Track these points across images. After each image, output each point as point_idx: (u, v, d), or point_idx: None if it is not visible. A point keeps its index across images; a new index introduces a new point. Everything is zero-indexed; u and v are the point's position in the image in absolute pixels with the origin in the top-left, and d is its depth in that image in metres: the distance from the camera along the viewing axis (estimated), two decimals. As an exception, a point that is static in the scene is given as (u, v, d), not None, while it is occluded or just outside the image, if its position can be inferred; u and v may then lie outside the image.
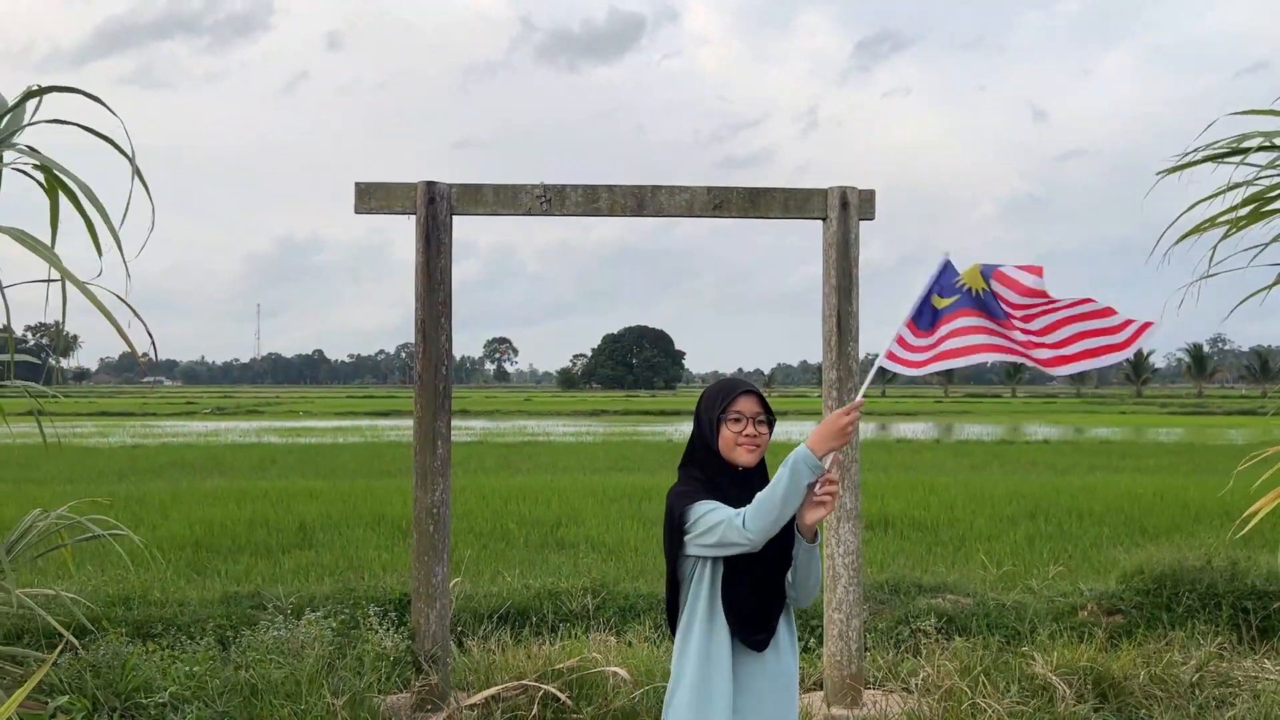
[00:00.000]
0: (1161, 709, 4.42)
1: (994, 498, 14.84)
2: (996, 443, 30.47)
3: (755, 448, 2.69)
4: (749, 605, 2.65)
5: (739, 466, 2.69)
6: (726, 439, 2.69)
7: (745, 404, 2.71)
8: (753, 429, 2.69)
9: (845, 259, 4.67)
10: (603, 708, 4.02)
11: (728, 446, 2.68)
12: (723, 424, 2.70)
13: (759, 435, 2.69)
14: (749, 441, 2.68)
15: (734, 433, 2.68)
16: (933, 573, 9.03)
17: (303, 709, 3.68)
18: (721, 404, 2.70)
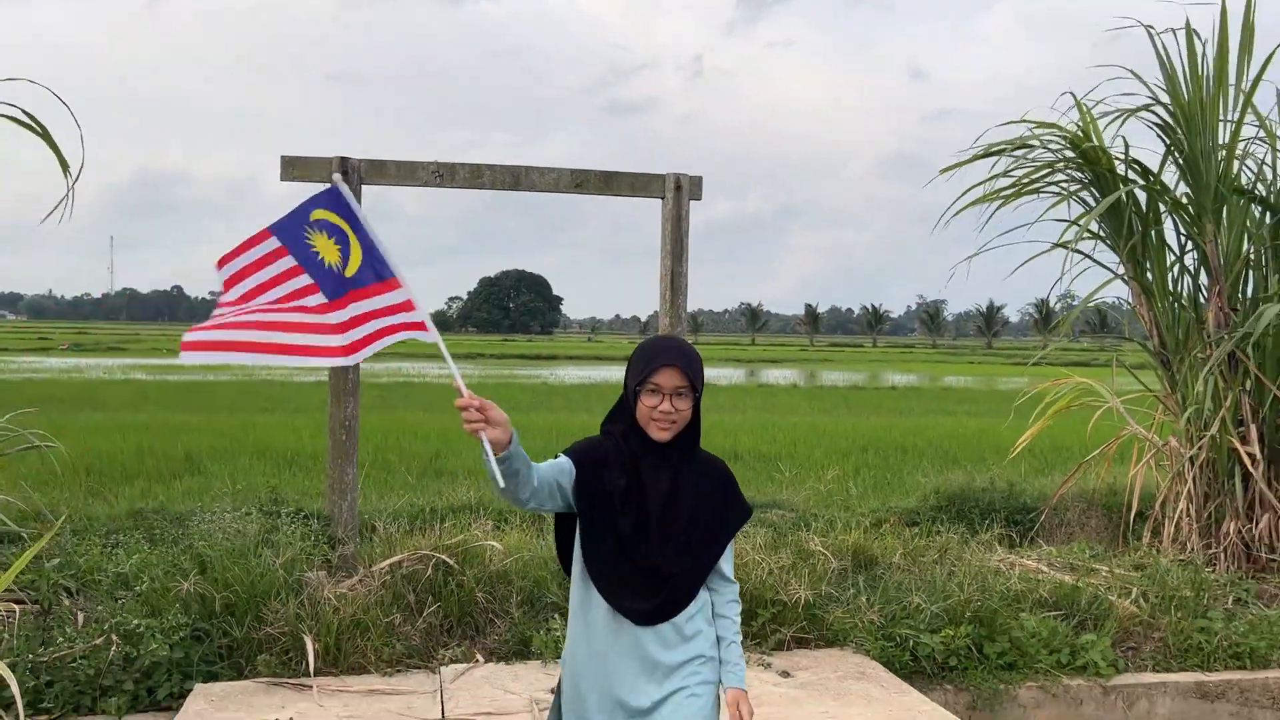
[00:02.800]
0: (900, 572, 5.91)
1: (834, 435, 16.45)
2: (849, 388, 32.64)
3: (670, 424, 2.49)
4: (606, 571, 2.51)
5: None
6: (642, 411, 2.49)
7: (665, 377, 2.47)
8: (669, 405, 2.47)
9: (678, 231, 5.93)
10: (482, 571, 5.24)
11: (643, 419, 2.50)
12: (640, 394, 2.49)
13: (676, 412, 2.48)
14: (663, 419, 2.47)
15: (648, 407, 2.47)
16: (768, 494, 10.50)
17: (250, 566, 4.77)
18: (641, 373, 2.48)
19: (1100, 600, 5.86)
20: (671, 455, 2.54)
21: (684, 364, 2.48)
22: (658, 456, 2.53)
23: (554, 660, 4.86)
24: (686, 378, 2.48)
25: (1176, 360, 7.22)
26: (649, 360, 2.48)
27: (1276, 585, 6.38)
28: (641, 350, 2.55)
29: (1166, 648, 5.61)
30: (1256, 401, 6.74)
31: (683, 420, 2.50)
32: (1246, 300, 7.07)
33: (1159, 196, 7.06)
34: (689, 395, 2.49)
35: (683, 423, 2.51)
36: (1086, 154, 7.10)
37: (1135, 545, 7.25)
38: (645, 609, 2.49)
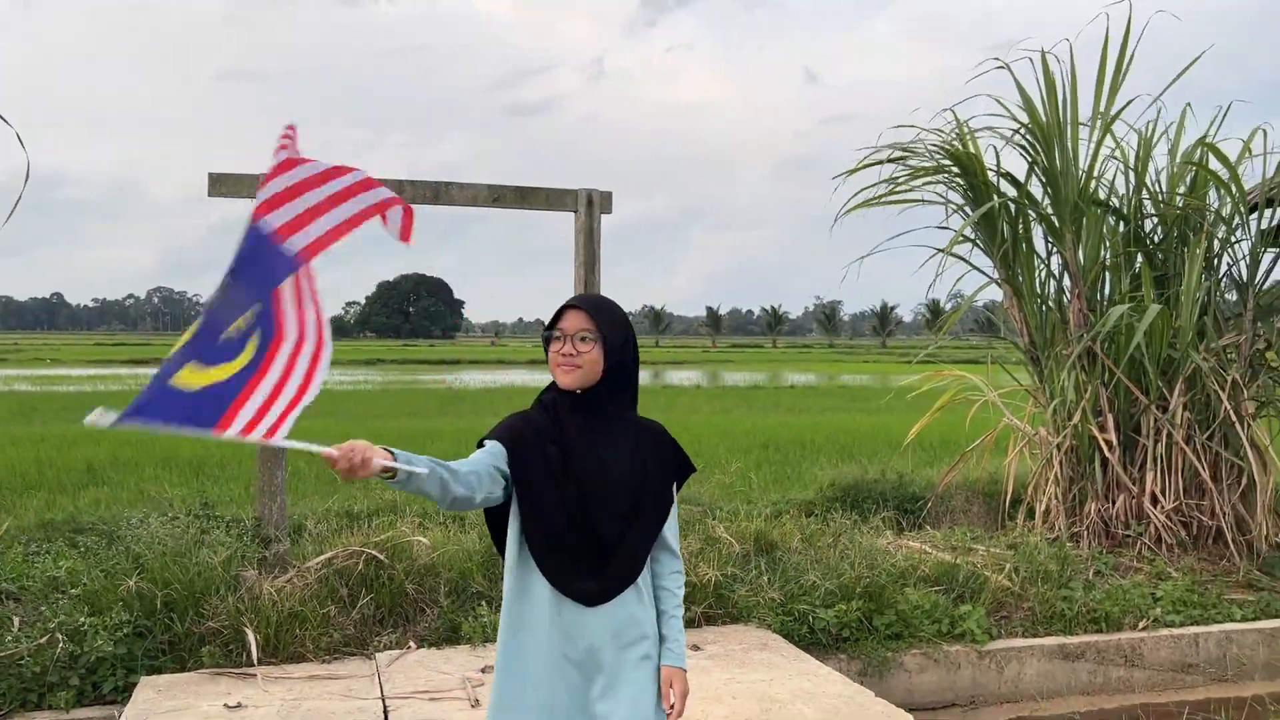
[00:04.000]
0: (798, 555, 6.44)
1: (735, 433, 17.04)
2: (749, 388, 33.51)
3: (572, 368, 2.42)
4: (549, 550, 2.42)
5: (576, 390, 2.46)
6: (550, 361, 2.46)
7: (568, 320, 2.44)
8: (571, 347, 2.41)
9: (590, 243, 6.34)
10: (410, 565, 5.56)
11: (551, 365, 2.46)
12: (549, 344, 2.46)
13: (578, 354, 2.41)
14: (565, 361, 2.42)
15: (554, 352, 2.44)
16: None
17: (188, 565, 5.00)
18: (548, 324, 2.48)
19: (977, 575, 6.47)
20: (595, 410, 2.47)
21: (588, 307, 2.46)
22: (580, 413, 2.47)
23: (483, 644, 5.22)
24: (591, 320, 2.43)
25: (1044, 357, 7.93)
26: (555, 312, 2.49)
27: (1130, 558, 7.11)
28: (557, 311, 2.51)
29: (1034, 615, 6.24)
30: (1112, 393, 7.48)
31: (588, 365, 2.43)
32: (1102, 302, 7.82)
33: (1027, 207, 7.76)
34: (594, 340, 2.42)
35: (589, 368, 2.43)
36: (964, 166, 7.76)
37: (1011, 527, 7.93)
38: (594, 588, 2.41)
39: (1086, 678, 6.02)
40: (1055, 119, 7.60)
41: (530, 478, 2.42)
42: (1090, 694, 6.00)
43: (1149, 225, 7.98)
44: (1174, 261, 7.74)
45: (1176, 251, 7.73)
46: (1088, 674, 6.03)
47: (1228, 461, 7.31)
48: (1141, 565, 7.03)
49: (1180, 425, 7.21)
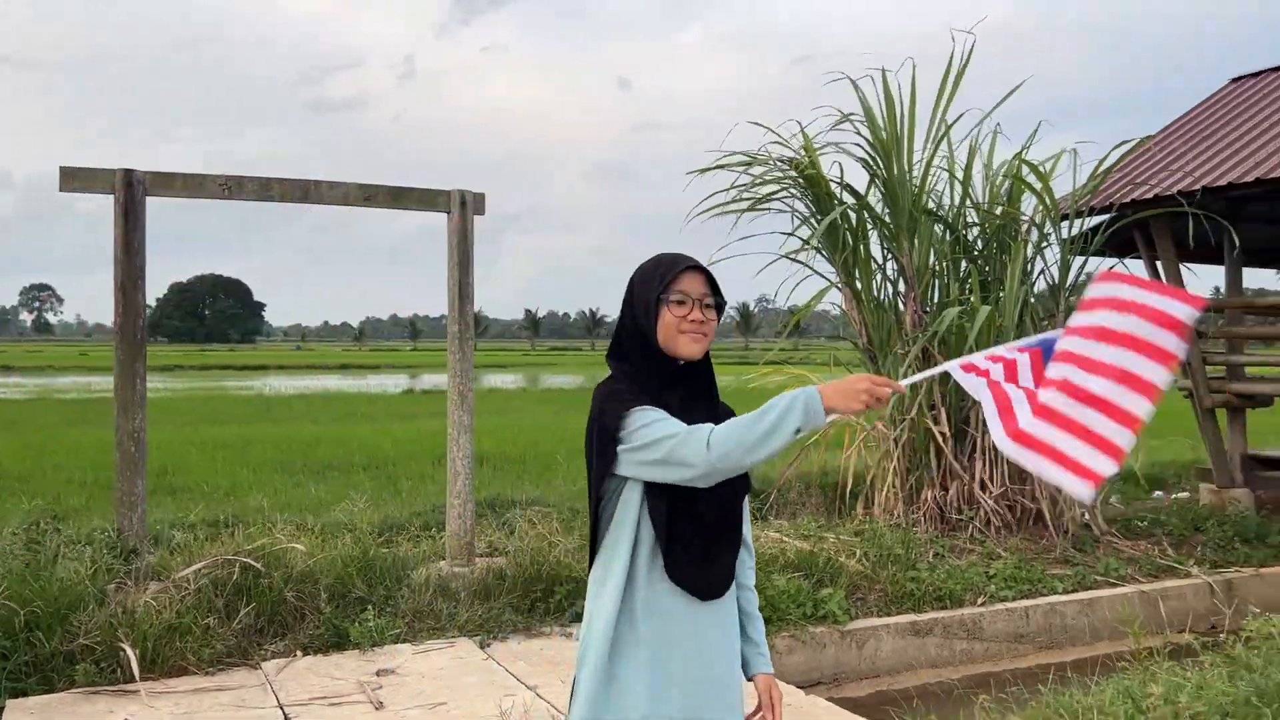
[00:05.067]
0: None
1: (573, 434, 17.17)
2: (576, 390, 33.76)
3: (702, 336, 2.19)
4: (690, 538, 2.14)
5: (679, 360, 2.19)
6: (668, 325, 2.17)
7: (691, 283, 2.20)
8: (699, 313, 2.18)
9: (464, 243, 6.35)
10: (288, 572, 5.43)
11: (669, 334, 2.16)
12: (663, 306, 2.17)
13: (706, 321, 2.19)
14: (694, 329, 2.17)
15: (677, 317, 2.16)
16: (523, 491, 11.02)
17: (52, 580, 4.70)
18: (661, 282, 2.19)
19: (833, 561, 6.89)
20: (693, 386, 2.23)
21: (707, 271, 2.24)
22: (680, 389, 2.21)
23: (372, 648, 5.16)
24: (711, 286, 2.23)
25: (882, 355, 8.49)
26: (668, 268, 2.20)
27: (964, 540, 7.73)
28: (646, 266, 2.27)
29: (887, 596, 6.70)
30: (944, 388, 8.10)
31: (711, 334, 2.22)
32: (935, 304, 8.45)
33: (866, 216, 8.30)
34: (715, 308, 2.22)
35: (711, 337, 2.22)
36: (809, 177, 8.22)
37: (852, 515, 8.44)
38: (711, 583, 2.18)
39: (934, 651, 6.52)
40: (893, 134, 8.16)
41: None
42: (938, 666, 6.49)
43: (973, 233, 8.68)
44: (995, 266, 8.45)
45: (997, 258, 8.44)
46: (935, 648, 6.53)
47: (1044, 449, 8.04)
48: (974, 547, 7.64)
49: (1005, 417, 7.88)
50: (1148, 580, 7.42)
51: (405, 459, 14.10)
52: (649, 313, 2.19)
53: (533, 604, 5.77)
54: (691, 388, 2.23)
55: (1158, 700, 3.86)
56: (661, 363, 2.19)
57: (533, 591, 5.81)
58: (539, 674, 4.90)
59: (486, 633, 5.47)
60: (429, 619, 5.53)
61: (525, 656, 5.16)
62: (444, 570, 6.06)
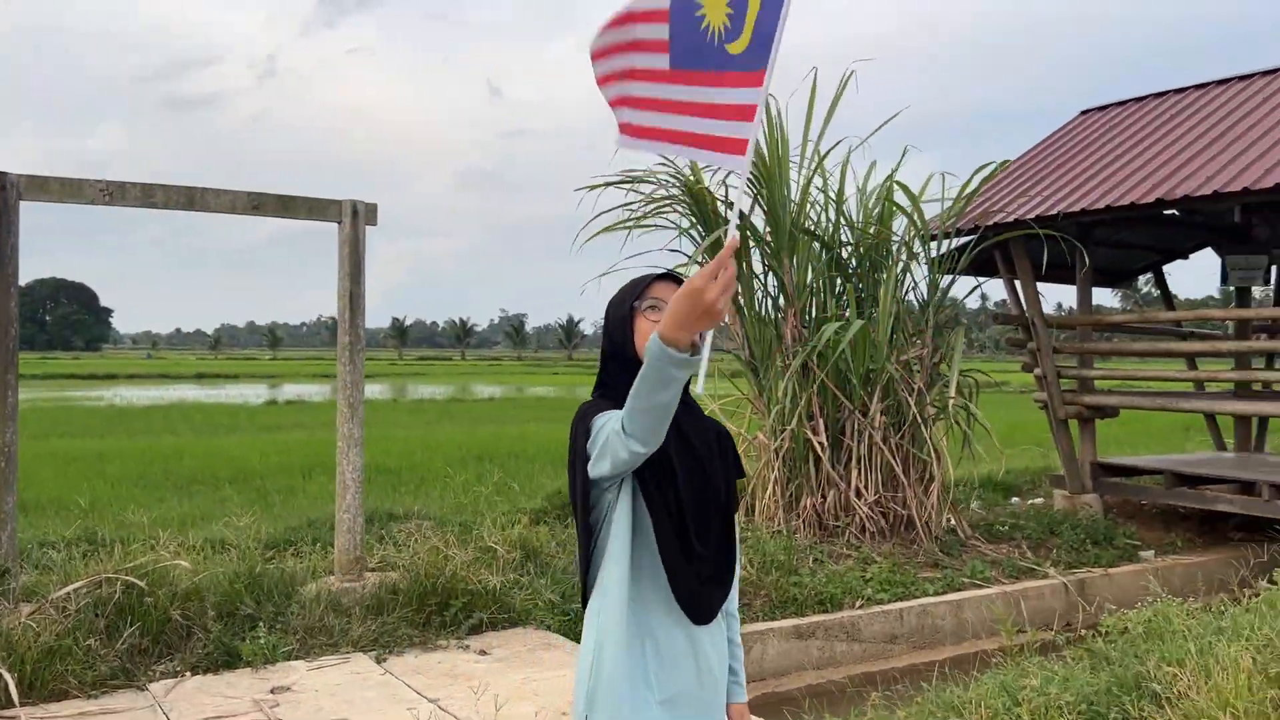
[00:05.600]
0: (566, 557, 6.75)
1: (447, 446, 17.02)
2: (448, 401, 33.35)
3: None
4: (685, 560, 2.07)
5: None
6: (643, 334, 2.12)
7: (664, 290, 2.15)
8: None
9: (356, 253, 6.29)
10: (173, 590, 5.26)
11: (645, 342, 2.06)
12: (636, 317, 2.14)
13: None
14: None
15: (652, 323, 2.12)
16: (401, 504, 10.88)
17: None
18: (634, 295, 2.16)
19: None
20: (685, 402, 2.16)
21: (680, 279, 2.17)
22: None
23: (264, 665, 5.06)
24: None
25: (763, 368, 8.77)
26: (640, 281, 2.19)
27: (842, 546, 8.04)
28: (626, 285, 2.23)
29: (772, 601, 6.94)
30: (822, 400, 8.42)
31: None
32: (813, 320, 8.78)
33: (749, 234, 8.57)
34: None
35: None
36: (696, 196, 8.44)
37: (735, 524, 8.67)
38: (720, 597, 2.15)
39: (817, 653, 6.78)
40: (775, 156, 8.46)
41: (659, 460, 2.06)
42: (821, 667, 6.76)
43: (847, 252, 9.06)
44: (869, 284, 8.84)
45: (870, 275, 8.84)
46: (818, 650, 6.79)
47: (915, 459, 8.46)
48: (850, 552, 7.97)
49: (878, 428, 8.26)
50: (1010, 581, 7.88)
51: (274, 472, 13.71)
52: (624, 327, 2.17)
53: (428, 618, 5.74)
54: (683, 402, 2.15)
55: (1032, 693, 4.15)
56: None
57: (428, 605, 5.78)
58: (439, 687, 4.89)
59: (382, 647, 5.42)
60: (321, 635, 5.44)
61: (424, 670, 5.14)
62: (334, 585, 5.98)
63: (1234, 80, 10.12)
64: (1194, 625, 5.05)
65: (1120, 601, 7.53)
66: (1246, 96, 9.54)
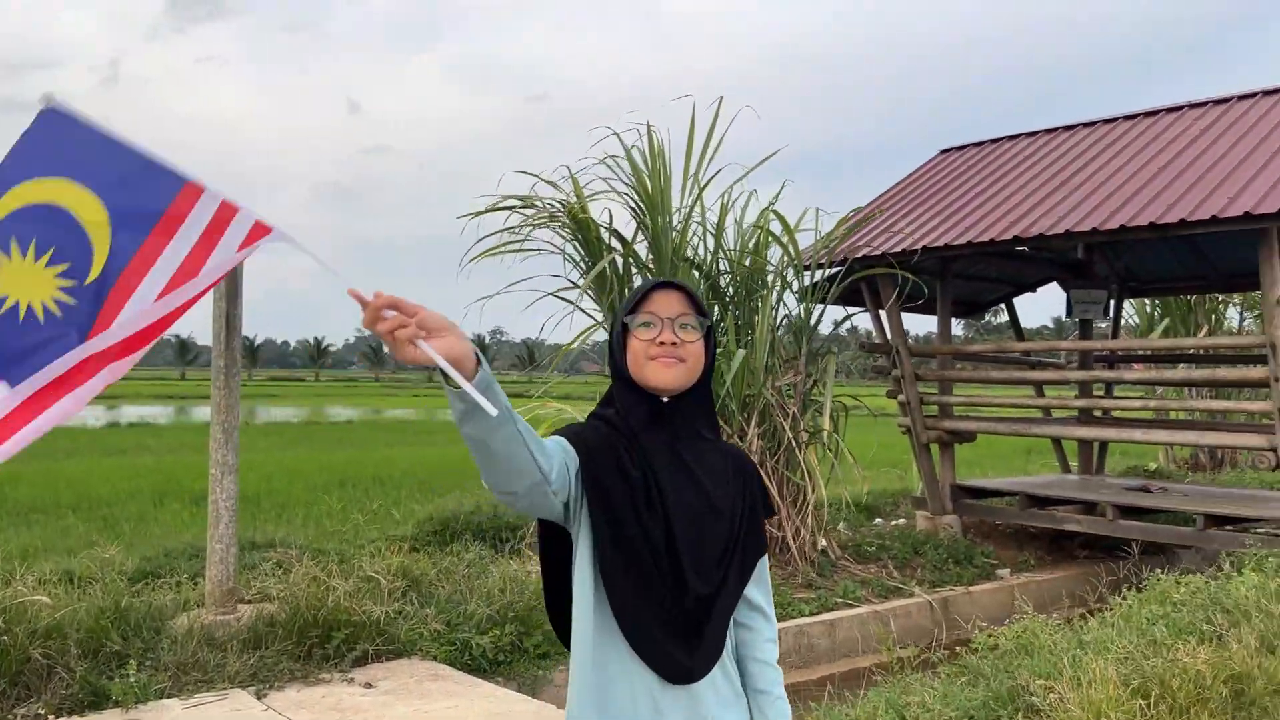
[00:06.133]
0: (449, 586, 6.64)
1: (307, 472, 16.48)
2: (304, 424, 32.32)
3: (674, 361, 1.84)
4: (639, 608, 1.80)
5: (663, 396, 1.86)
6: (635, 352, 1.86)
7: (662, 301, 1.87)
8: (671, 334, 1.84)
9: (234, 274, 6.07)
10: (31, 628, 4.91)
11: (637, 364, 1.85)
12: (629, 334, 1.88)
13: (683, 344, 1.84)
14: (666, 353, 1.83)
15: (644, 341, 1.85)
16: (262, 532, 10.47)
17: None
18: (628, 308, 1.90)
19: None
20: (682, 426, 1.89)
21: (686, 289, 1.92)
22: (664, 430, 1.87)
23: (135, 705, 4.78)
24: (690, 304, 1.89)
25: (644, 394, 8.85)
26: (638, 291, 1.92)
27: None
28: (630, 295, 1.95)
29: (655, 625, 6.98)
30: (703, 426, 8.55)
31: (692, 360, 1.86)
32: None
33: (633, 262, 8.67)
34: (697, 329, 1.87)
35: (692, 364, 1.87)
36: (580, 222, 8.49)
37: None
38: (685, 661, 1.82)
39: (700, 676, 6.84)
40: (658, 186, 8.60)
41: (610, 495, 1.80)
42: (703, 690, 6.82)
43: (725, 280, 9.27)
44: (745, 312, 9.06)
45: (747, 304, 9.06)
46: (700, 673, 6.86)
47: (790, 482, 8.68)
48: (729, 575, 8.10)
49: (756, 452, 8.45)
50: (879, 600, 8.17)
51: (122, 499, 13.01)
52: (619, 343, 1.90)
53: (309, 650, 5.55)
54: (678, 430, 1.89)
55: (918, 709, 4.32)
56: (639, 399, 1.87)
57: (309, 637, 5.59)
58: (324, 723, 4.74)
59: (262, 682, 5.20)
60: (195, 671, 5.19)
61: (308, 705, 4.97)
62: (206, 619, 5.71)
63: (1079, 126, 10.86)
64: (1059, 640, 5.36)
65: (983, 618, 7.90)
66: (1091, 142, 10.25)
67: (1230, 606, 5.92)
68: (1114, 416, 11.27)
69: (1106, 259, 12.04)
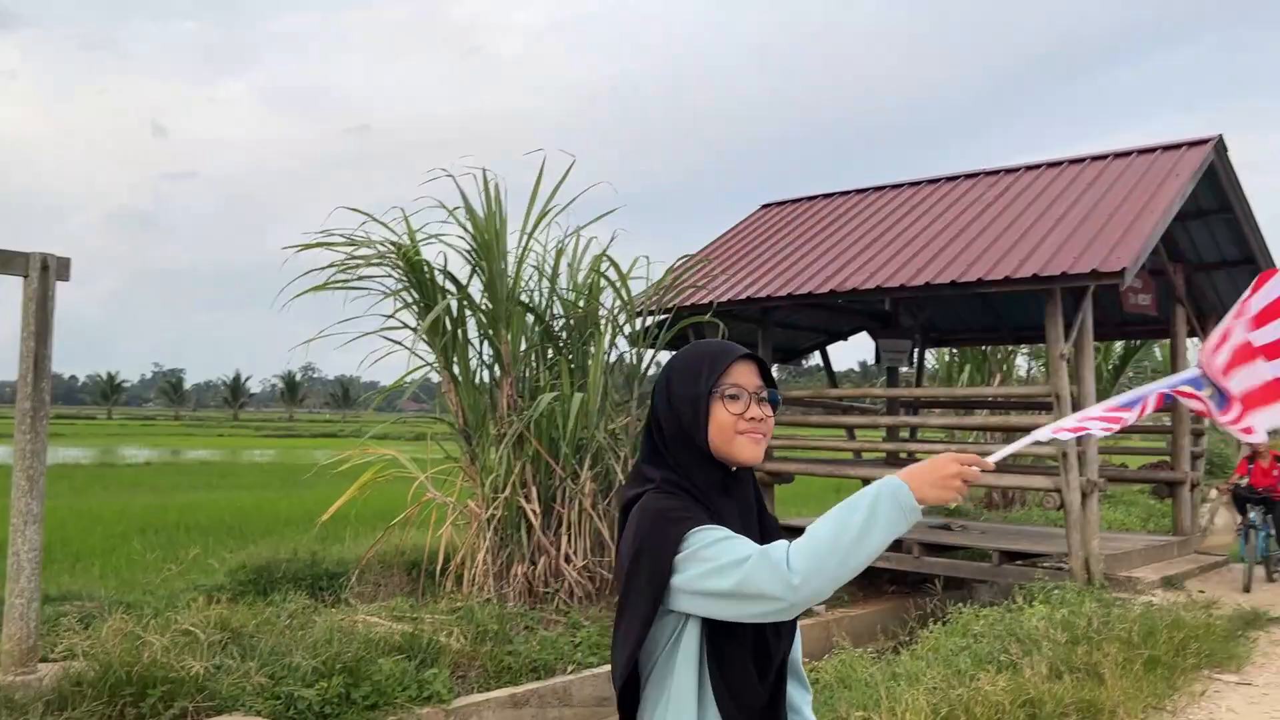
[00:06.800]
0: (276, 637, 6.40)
1: (104, 518, 15.40)
2: (97, 465, 30.18)
3: (761, 436, 1.90)
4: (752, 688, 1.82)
5: (732, 466, 1.90)
6: (722, 425, 1.86)
7: (743, 374, 1.90)
8: (757, 410, 1.88)
9: (44, 311, 5.70)
10: None
11: (723, 436, 1.86)
12: (714, 402, 1.87)
13: (765, 419, 1.90)
14: (753, 428, 1.88)
15: (733, 415, 1.86)
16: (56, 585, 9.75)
17: None
18: (710, 375, 1.88)
19: (434, 641, 7.00)
20: (743, 493, 1.93)
21: (759, 360, 1.95)
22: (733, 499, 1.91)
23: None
24: (765, 377, 1.94)
25: (477, 436, 8.84)
26: (715, 359, 1.91)
27: (552, 611, 8.21)
28: (687, 356, 1.95)
29: (487, 671, 6.95)
30: (535, 468, 8.62)
31: (770, 433, 1.94)
32: (528, 389, 9.00)
33: (467, 305, 8.68)
34: (768, 401, 1.93)
35: (769, 436, 1.95)
36: (413, 264, 8.44)
37: (442, 593, 8.60)
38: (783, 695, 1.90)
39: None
40: (494, 230, 8.67)
41: None
42: (535, 735, 6.83)
43: (559, 324, 9.40)
44: (579, 355, 9.22)
45: (580, 347, 9.22)
46: (532, 717, 6.87)
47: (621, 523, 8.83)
48: (560, 618, 8.15)
49: (588, 494, 8.57)
50: (706, 639, 8.39)
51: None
52: (696, 408, 1.88)
53: (122, 710, 5.22)
54: (745, 497, 1.93)
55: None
56: (714, 469, 1.88)
57: (121, 696, 5.26)
58: (141, 788, 4.48)
59: (68, 748, 4.87)
60: (-9, 739, 4.81)
61: (121, 770, 4.69)
62: (5, 679, 5.30)
63: (888, 188, 11.66)
64: (875, 672, 5.69)
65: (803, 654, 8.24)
66: (900, 202, 11.02)
67: (1023, 636, 6.44)
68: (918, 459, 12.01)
69: (912, 312, 12.90)
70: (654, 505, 1.83)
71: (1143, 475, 12.95)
